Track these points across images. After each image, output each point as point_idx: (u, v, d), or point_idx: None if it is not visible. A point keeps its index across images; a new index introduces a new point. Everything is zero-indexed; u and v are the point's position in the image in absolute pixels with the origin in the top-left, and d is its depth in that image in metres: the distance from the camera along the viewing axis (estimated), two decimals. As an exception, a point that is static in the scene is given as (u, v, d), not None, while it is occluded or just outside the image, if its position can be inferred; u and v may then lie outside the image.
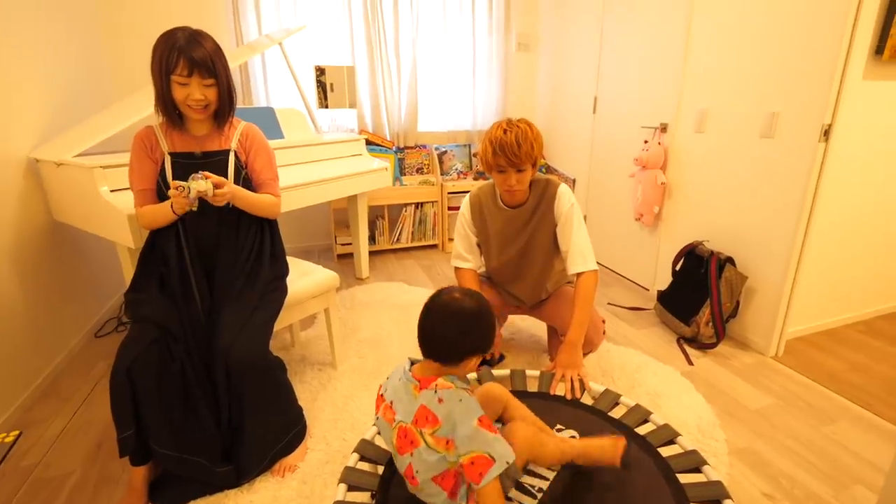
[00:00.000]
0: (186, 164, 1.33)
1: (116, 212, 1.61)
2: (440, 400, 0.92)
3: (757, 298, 2.07)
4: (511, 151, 1.43)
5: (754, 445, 1.51)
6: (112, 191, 1.66)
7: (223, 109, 1.33)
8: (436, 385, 0.93)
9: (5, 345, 1.67)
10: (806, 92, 1.79)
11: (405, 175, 3.49)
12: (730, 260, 2.08)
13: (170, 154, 1.34)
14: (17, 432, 0.96)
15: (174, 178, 1.30)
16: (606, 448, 1.06)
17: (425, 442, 0.92)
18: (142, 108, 1.88)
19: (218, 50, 1.27)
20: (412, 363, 1.01)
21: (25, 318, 1.79)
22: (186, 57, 1.19)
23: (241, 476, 1.33)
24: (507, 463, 0.90)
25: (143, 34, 2.77)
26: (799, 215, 1.86)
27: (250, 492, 1.32)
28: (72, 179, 1.75)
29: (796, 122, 1.84)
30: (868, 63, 1.80)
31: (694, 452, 1.14)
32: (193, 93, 1.24)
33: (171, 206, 1.29)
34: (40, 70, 2.05)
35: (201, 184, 1.23)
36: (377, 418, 1.04)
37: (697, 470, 1.10)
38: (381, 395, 1.04)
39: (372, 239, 3.34)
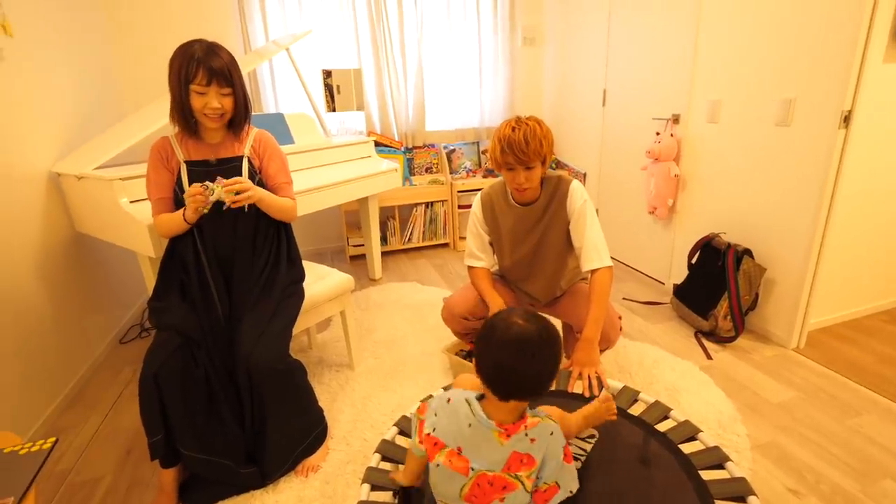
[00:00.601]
0: (202, 172, 1.36)
1: (136, 222, 1.64)
2: (532, 440, 0.85)
3: (777, 290, 2.04)
4: (519, 149, 1.43)
5: (777, 440, 1.50)
6: (132, 202, 1.70)
7: (238, 118, 1.36)
8: (524, 426, 0.85)
9: (36, 354, 1.72)
10: (823, 77, 1.76)
11: (414, 175, 3.50)
12: (747, 252, 2.05)
13: (186, 162, 1.36)
14: (53, 439, 0.99)
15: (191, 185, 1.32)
16: (601, 410, 1.11)
17: (523, 485, 0.84)
18: (156, 119, 1.91)
19: (233, 60, 1.29)
20: (477, 399, 0.89)
21: (53, 328, 1.84)
22: (205, 67, 1.23)
23: (265, 477, 1.36)
24: (571, 492, 0.87)
25: (153, 46, 2.82)
26: (819, 204, 1.83)
27: (275, 492, 1.35)
28: (92, 192, 1.80)
29: (814, 109, 1.81)
30: (889, 46, 1.74)
31: (716, 448, 1.13)
32: (211, 101, 1.27)
33: (184, 213, 1.31)
34: (59, 86, 2.10)
35: (221, 192, 1.27)
36: (437, 465, 0.87)
37: (720, 466, 1.09)
38: (430, 435, 0.88)
39: (383, 239, 3.36)
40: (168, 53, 1.27)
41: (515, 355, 0.82)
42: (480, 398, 0.90)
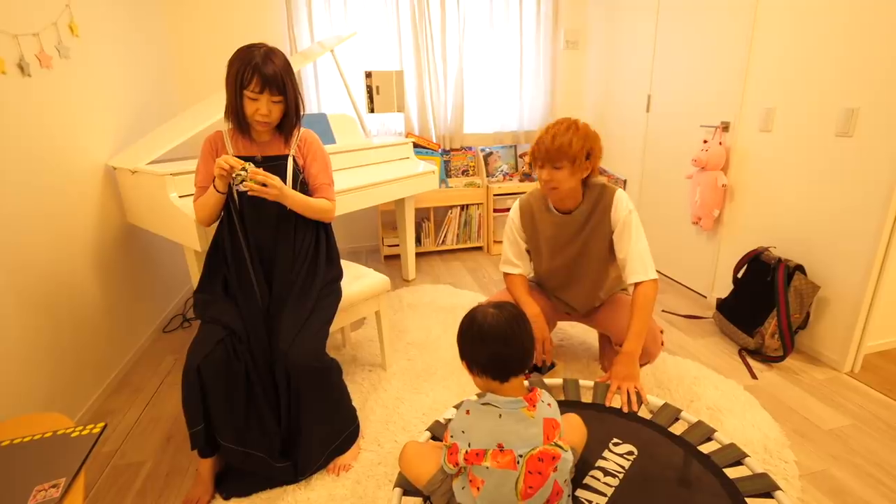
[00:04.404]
0: None
1: (184, 216, 1.70)
2: (549, 405, 0.95)
3: (831, 309, 1.92)
4: (545, 145, 1.42)
5: (830, 469, 1.41)
6: (181, 196, 1.76)
7: (289, 122, 1.40)
8: (537, 393, 0.95)
9: (88, 338, 1.81)
10: (891, 85, 1.64)
11: (451, 177, 3.50)
12: (799, 268, 1.94)
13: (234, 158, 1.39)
14: (102, 424, 1.04)
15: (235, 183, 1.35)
16: None
17: (563, 449, 0.93)
18: (205, 117, 1.98)
19: (288, 67, 1.33)
20: (480, 397, 0.95)
21: (104, 315, 1.93)
22: (260, 74, 1.26)
23: (298, 473, 1.38)
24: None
25: (203, 47, 2.92)
26: (882, 220, 1.71)
27: (307, 489, 1.37)
28: (145, 186, 1.87)
29: (880, 119, 1.70)
30: (966, 53, 1.63)
31: (764, 475, 1.08)
32: (261, 108, 1.30)
33: (214, 183, 1.34)
34: (117, 84, 2.21)
35: (248, 179, 1.29)
36: (485, 468, 0.89)
37: (769, 495, 1.04)
38: (470, 451, 0.91)
39: (417, 240, 3.37)
40: (218, 54, 1.32)
41: (503, 343, 0.92)
42: (483, 396, 0.96)
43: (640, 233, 1.50)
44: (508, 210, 3.28)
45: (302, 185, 1.47)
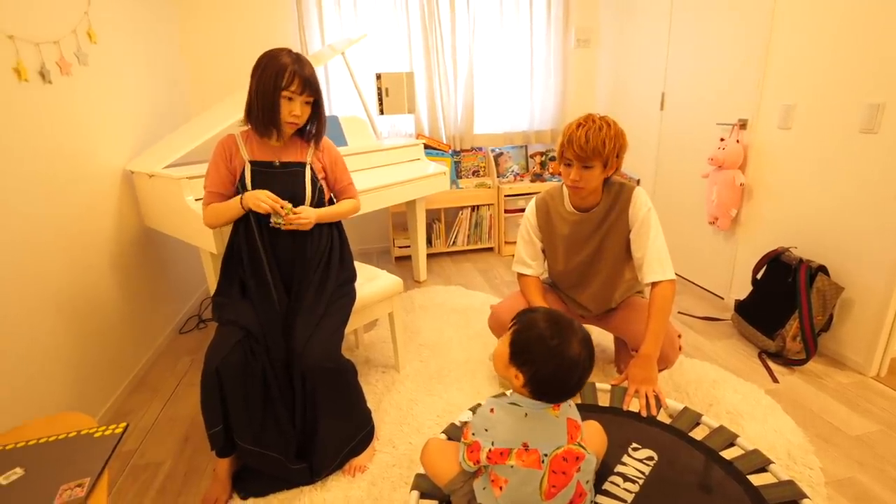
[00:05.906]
0: (265, 173, 1.39)
1: (200, 219, 1.70)
2: (570, 405, 0.96)
3: (855, 311, 1.88)
4: (578, 145, 1.39)
5: (857, 476, 1.37)
6: (197, 199, 1.77)
7: (319, 125, 1.43)
8: None
9: (108, 340, 1.84)
10: (918, 81, 1.60)
11: (461, 178, 3.49)
12: (822, 269, 1.90)
13: (250, 162, 1.40)
14: (124, 424, 1.05)
15: (254, 187, 1.36)
16: None
17: (586, 451, 0.92)
18: (220, 120, 2.00)
19: (315, 72, 1.36)
20: (504, 397, 0.95)
21: (123, 316, 1.96)
22: (301, 75, 1.29)
23: (314, 474, 1.38)
24: None
25: (217, 51, 2.95)
26: (908, 220, 1.67)
27: (323, 489, 1.37)
28: (161, 189, 1.90)
29: (906, 116, 1.65)
30: None
31: (791, 483, 1.05)
32: (294, 108, 1.32)
33: (241, 200, 1.34)
34: (134, 89, 2.24)
35: (282, 219, 1.34)
36: (510, 467, 0.88)
37: (795, 503, 1.01)
38: (494, 449, 0.90)
39: (428, 241, 3.36)
40: (231, 57, 1.32)
41: (578, 379, 0.91)
42: (509, 395, 0.96)
43: (659, 231, 1.48)
44: (519, 210, 3.25)
45: (320, 191, 1.47)
